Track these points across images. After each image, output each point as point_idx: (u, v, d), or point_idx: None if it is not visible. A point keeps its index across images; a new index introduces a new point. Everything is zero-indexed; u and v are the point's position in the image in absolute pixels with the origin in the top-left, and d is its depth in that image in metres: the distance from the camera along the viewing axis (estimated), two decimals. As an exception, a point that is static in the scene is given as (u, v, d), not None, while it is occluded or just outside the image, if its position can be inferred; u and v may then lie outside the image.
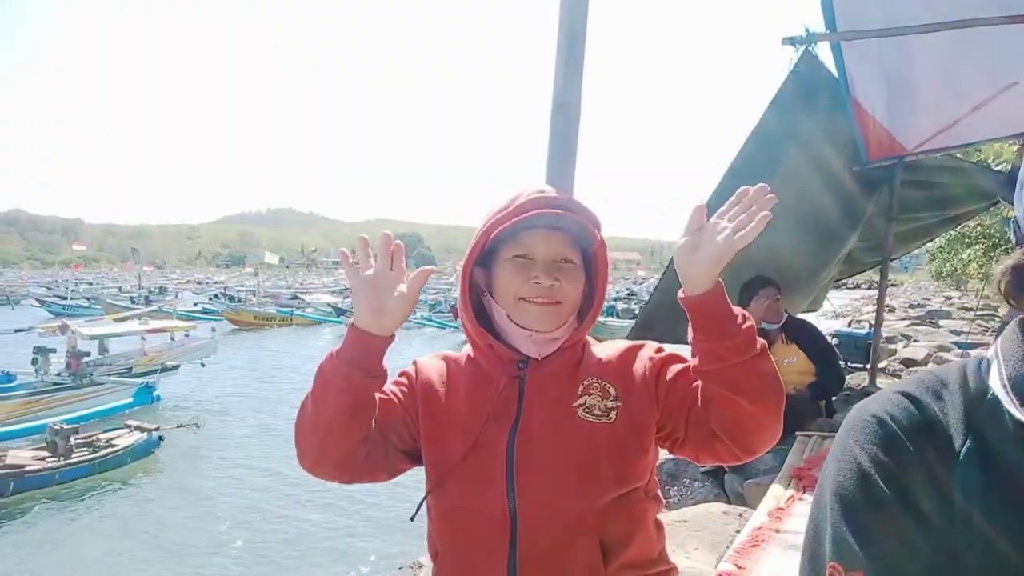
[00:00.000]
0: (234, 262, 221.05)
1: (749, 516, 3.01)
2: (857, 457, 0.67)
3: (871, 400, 0.71)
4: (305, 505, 9.69)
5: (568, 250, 1.31)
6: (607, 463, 1.26)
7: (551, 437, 1.26)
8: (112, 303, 38.89)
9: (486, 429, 1.29)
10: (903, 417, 0.67)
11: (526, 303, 1.29)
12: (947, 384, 0.68)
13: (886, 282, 5.82)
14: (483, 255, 1.34)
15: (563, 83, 1.88)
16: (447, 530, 1.32)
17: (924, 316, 18.73)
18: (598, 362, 1.35)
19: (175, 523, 9.21)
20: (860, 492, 0.65)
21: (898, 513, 0.63)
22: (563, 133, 1.90)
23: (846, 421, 0.72)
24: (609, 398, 1.29)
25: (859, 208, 5.42)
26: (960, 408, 0.66)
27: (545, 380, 1.32)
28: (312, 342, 29.66)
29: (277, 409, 15.56)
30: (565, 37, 1.87)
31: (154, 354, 17.48)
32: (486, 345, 1.34)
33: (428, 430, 1.35)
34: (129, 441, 11.14)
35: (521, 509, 1.23)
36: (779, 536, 2.52)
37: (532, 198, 1.31)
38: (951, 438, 0.64)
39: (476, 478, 1.27)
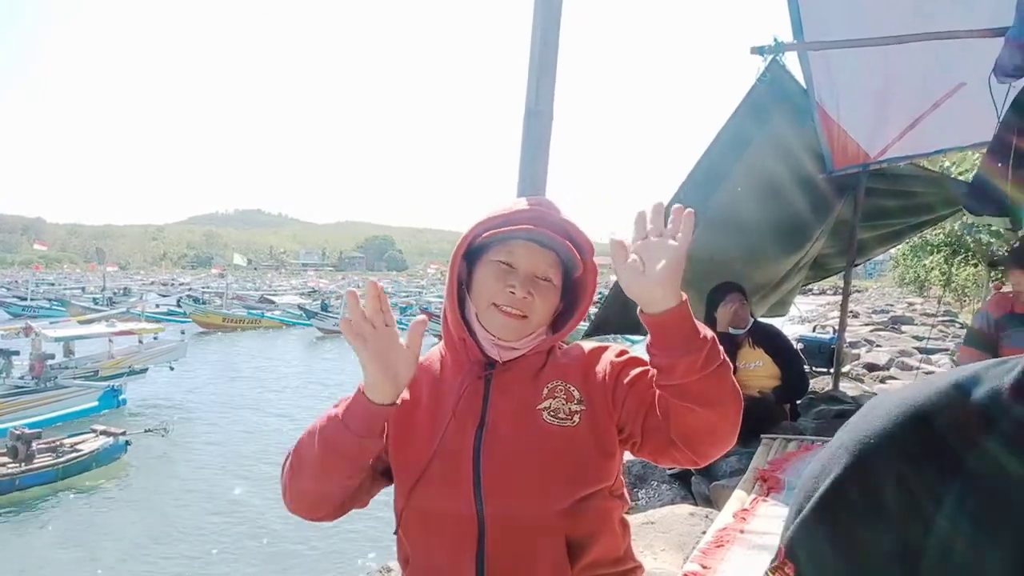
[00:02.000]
0: (200, 263, 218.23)
1: (715, 517, 3.05)
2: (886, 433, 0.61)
3: (896, 391, 0.65)
4: (273, 510, 9.59)
5: (551, 269, 1.34)
6: (572, 465, 1.28)
7: (516, 440, 1.28)
8: (74, 304, 38.21)
9: (451, 430, 1.30)
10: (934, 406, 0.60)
11: (496, 310, 1.31)
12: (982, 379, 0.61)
13: (850, 288, 5.93)
14: (472, 250, 1.37)
15: (536, 91, 1.91)
16: (416, 533, 1.33)
17: (887, 322, 19.06)
18: (563, 365, 1.37)
19: (142, 530, 9.08)
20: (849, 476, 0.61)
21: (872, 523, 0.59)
22: (535, 140, 1.93)
23: (863, 409, 0.66)
24: (573, 401, 1.31)
25: (824, 215, 5.52)
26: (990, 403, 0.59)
27: (510, 383, 1.34)
28: (282, 344, 29.41)
29: (247, 413, 15.39)
30: (538, 46, 1.90)
31: (121, 357, 17.21)
32: (459, 339, 1.36)
33: (395, 437, 1.35)
34: (95, 446, 10.95)
35: (488, 511, 1.25)
36: (743, 537, 2.56)
37: (532, 212, 1.35)
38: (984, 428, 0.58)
39: (443, 481, 1.28)
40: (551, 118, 1.92)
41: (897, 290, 42.52)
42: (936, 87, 3.92)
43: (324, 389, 18.48)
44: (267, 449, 12.69)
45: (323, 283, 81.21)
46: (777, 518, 2.70)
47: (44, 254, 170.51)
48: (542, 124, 1.92)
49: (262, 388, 18.59)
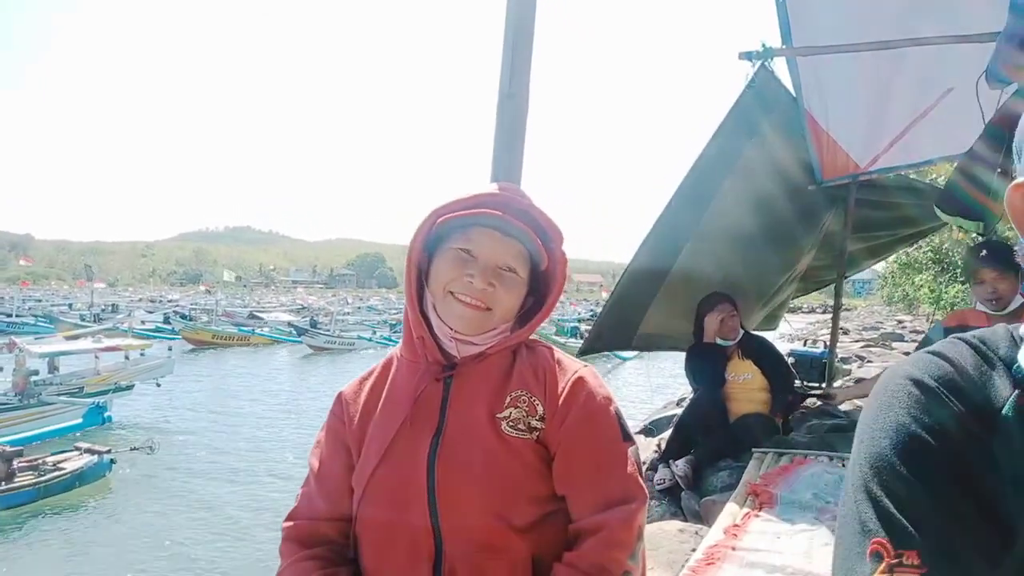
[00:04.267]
0: (190, 280, 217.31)
1: (705, 534, 2.95)
2: (896, 421, 0.62)
3: (902, 364, 0.67)
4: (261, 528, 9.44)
5: (515, 260, 1.25)
6: (531, 480, 1.19)
7: (473, 449, 1.18)
8: (61, 320, 37.95)
9: (405, 435, 1.21)
10: (941, 376, 0.63)
11: (453, 298, 1.22)
12: (988, 344, 0.66)
13: (840, 300, 5.87)
14: (432, 239, 1.27)
15: (510, 73, 1.83)
16: (370, 545, 1.23)
17: (877, 338, 19.06)
18: (534, 374, 1.26)
19: (126, 550, 8.89)
20: (902, 458, 0.60)
21: (948, 480, 0.59)
22: (509, 124, 1.86)
23: (877, 388, 0.67)
24: (535, 416, 1.21)
25: (814, 227, 5.47)
26: (1003, 368, 0.63)
27: (471, 387, 1.24)
28: (271, 361, 29.22)
29: (235, 431, 15.21)
30: (512, 25, 1.83)
31: (107, 373, 17.03)
32: (418, 337, 1.26)
33: (357, 450, 1.28)
34: (78, 464, 10.72)
35: (444, 524, 1.15)
36: (734, 553, 2.46)
37: (494, 196, 1.26)
38: (990, 396, 0.61)
39: (396, 489, 1.19)
40: (526, 101, 1.85)
41: (886, 308, 42.70)
42: (925, 94, 3.88)
43: (314, 405, 18.32)
44: (256, 467, 12.53)
45: (312, 300, 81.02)
46: (770, 534, 2.60)
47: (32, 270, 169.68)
48: (517, 108, 1.85)
49: (251, 405, 18.40)
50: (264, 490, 11.24)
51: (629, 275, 4.61)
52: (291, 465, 12.51)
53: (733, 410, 4.30)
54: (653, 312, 5.15)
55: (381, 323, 43.90)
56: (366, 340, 35.19)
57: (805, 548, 2.46)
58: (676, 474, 4.10)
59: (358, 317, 49.21)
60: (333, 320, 39.73)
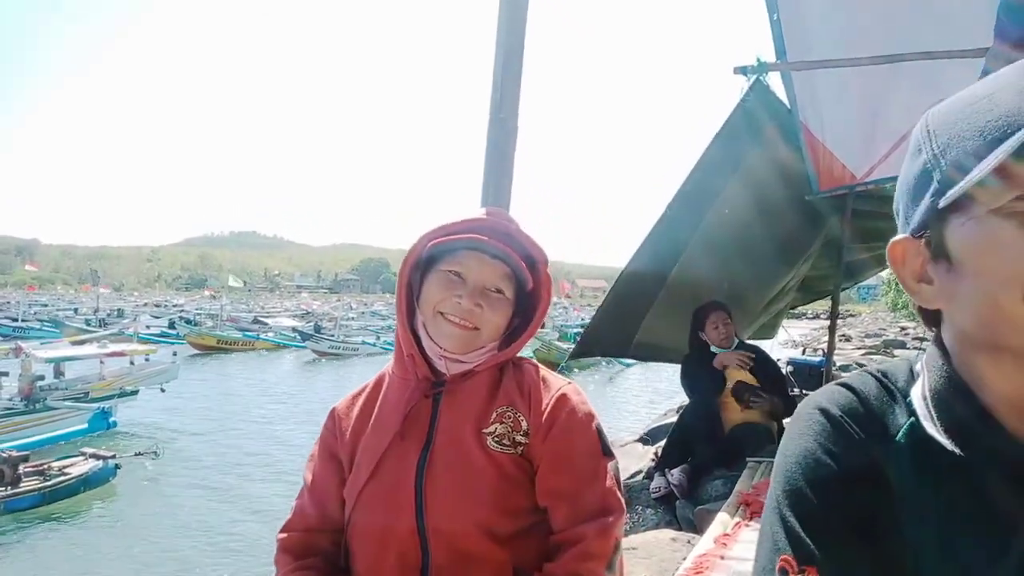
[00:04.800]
0: (195, 285, 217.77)
1: (697, 543, 2.99)
2: (804, 447, 0.69)
3: (815, 394, 0.74)
4: (266, 534, 9.46)
5: (502, 282, 1.31)
6: (515, 493, 1.24)
7: (460, 463, 1.24)
8: (67, 325, 38.11)
9: (395, 449, 1.27)
10: (846, 406, 0.70)
11: (443, 318, 1.28)
12: (890, 376, 0.73)
13: (837, 310, 5.89)
14: (424, 261, 1.34)
15: (500, 99, 1.88)
16: (361, 555, 1.28)
17: (880, 346, 19.08)
18: (519, 392, 1.32)
19: (131, 555, 8.92)
20: (807, 481, 0.67)
21: (847, 501, 0.65)
22: (500, 147, 1.91)
23: (793, 416, 0.74)
24: (519, 432, 1.27)
25: (809, 237, 5.51)
26: (901, 399, 0.70)
27: (459, 403, 1.30)
28: (276, 366, 29.27)
29: (240, 436, 15.24)
30: (503, 51, 1.88)
31: (112, 379, 17.10)
32: (408, 355, 1.33)
33: (349, 464, 1.34)
34: (83, 469, 10.77)
35: (431, 534, 1.21)
36: (723, 563, 2.50)
37: (480, 222, 1.32)
38: (887, 424, 0.68)
39: (386, 501, 1.25)
40: (516, 127, 1.90)
41: (890, 315, 42.64)
42: (919, 105, 3.91)
43: (319, 409, 18.34)
44: (260, 472, 12.56)
45: (317, 305, 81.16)
46: (759, 543, 2.64)
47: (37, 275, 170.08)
48: (506, 132, 1.90)
49: (256, 410, 18.45)
50: (269, 495, 11.28)
51: (626, 279, 4.65)
52: (297, 471, 12.53)
53: (728, 419, 4.33)
54: (652, 320, 5.19)
55: (385, 328, 43.98)
56: (370, 345, 35.26)
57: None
58: (671, 483, 4.14)
59: (362, 322, 49.26)
60: (337, 325, 39.82)
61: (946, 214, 0.62)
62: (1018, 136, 0.54)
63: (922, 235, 0.65)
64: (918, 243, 0.66)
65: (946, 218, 0.62)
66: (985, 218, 0.58)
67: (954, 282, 0.63)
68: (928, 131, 0.64)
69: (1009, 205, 0.57)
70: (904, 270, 0.68)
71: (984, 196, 0.58)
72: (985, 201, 0.58)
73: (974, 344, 0.64)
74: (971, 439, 0.63)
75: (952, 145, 0.61)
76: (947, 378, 0.66)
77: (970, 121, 0.60)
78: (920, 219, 0.65)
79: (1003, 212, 0.57)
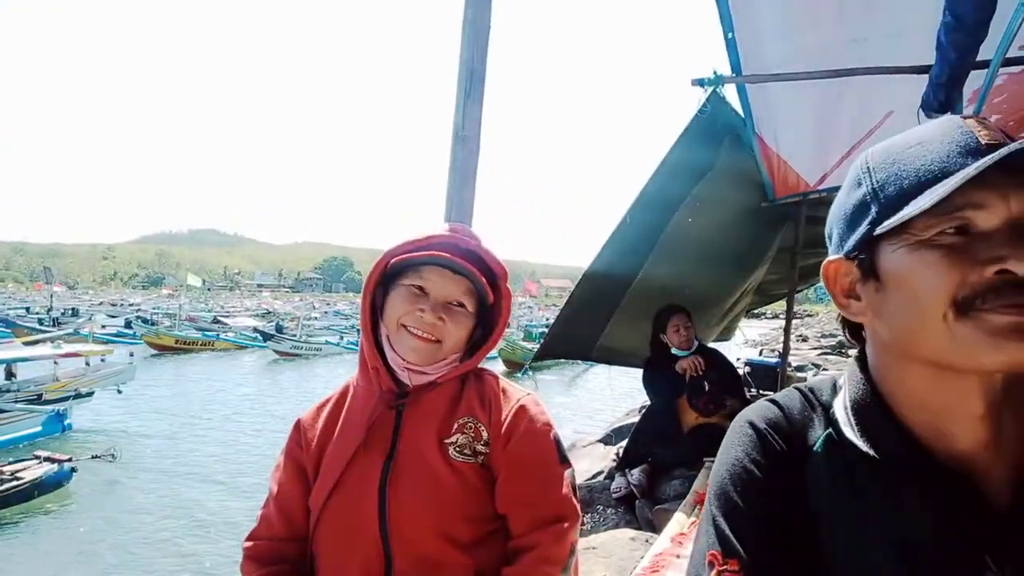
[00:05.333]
0: (152, 283, 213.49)
1: (655, 542, 3.07)
2: (734, 456, 0.79)
3: (747, 409, 0.84)
4: (220, 540, 9.38)
5: (463, 296, 1.36)
6: (476, 500, 1.30)
7: (422, 472, 1.29)
8: (19, 325, 37.07)
9: (360, 459, 1.31)
10: (771, 420, 0.80)
11: (405, 331, 1.33)
12: (816, 391, 0.83)
13: (792, 313, 6.05)
14: (387, 276, 1.39)
15: (463, 116, 1.94)
16: (326, 562, 1.33)
17: (835, 346, 19.46)
18: (480, 402, 1.37)
19: (87, 561, 8.74)
20: (735, 486, 0.77)
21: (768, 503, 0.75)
22: (462, 164, 1.97)
23: (728, 429, 0.84)
24: (480, 441, 1.32)
25: (765, 242, 5.66)
26: (822, 412, 0.80)
27: (422, 414, 1.35)
28: (236, 367, 28.84)
29: (200, 438, 15.02)
30: (465, 71, 1.93)
31: (67, 380, 16.64)
32: (372, 368, 1.37)
33: (313, 474, 1.38)
34: (37, 473, 10.49)
35: (393, 541, 1.26)
36: (679, 562, 2.58)
37: (443, 239, 1.37)
38: (807, 436, 0.78)
39: (350, 510, 1.29)
40: (478, 144, 1.95)
41: (846, 315, 43.42)
42: (868, 116, 4.06)
43: (279, 409, 18.21)
44: (219, 475, 12.41)
45: (278, 304, 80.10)
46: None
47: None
48: (469, 149, 1.96)
49: (216, 412, 18.18)
50: (228, 499, 11.17)
51: (587, 283, 4.73)
52: (256, 473, 12.44)
53: (688, 421, 4.44)
54: (615, 325, 5.28)
55: (349, 328, 43.60)
56: (333, 345, 34.95)
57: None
58: (631, 483, 4.23)
59: (325, 322, 48.76)
60: (300, 325, 39.36)
61: (879, 241, 0.72)
62: (947, 182, 0.65)
63: (854, 257, 0.75)
64: (850, 264, 0.76)
65: (879, 244, 0.72)
66: (914, 246, 0.69)
67: (881, 300, 0.73)
68: (868, 168, 0.75)
69: (936, 237, 0.68)
70: (835, 286, 0.79)
71: (915, 228, 0.68)
72: (916, 232, 0.69)
73: (893, 355, 0.74)
74: (884, 443, 0.73)
75: (890, 182, 0.71)
76: (865, 389, 0.76)
77: (906, 163, 0.70)
78: (855, 243, 0.74)
79: (930, 243, 0.68)
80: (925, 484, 0.69)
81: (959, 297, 0.66)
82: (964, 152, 0.67)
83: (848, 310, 0.78)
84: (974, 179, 0.64)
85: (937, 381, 0.70)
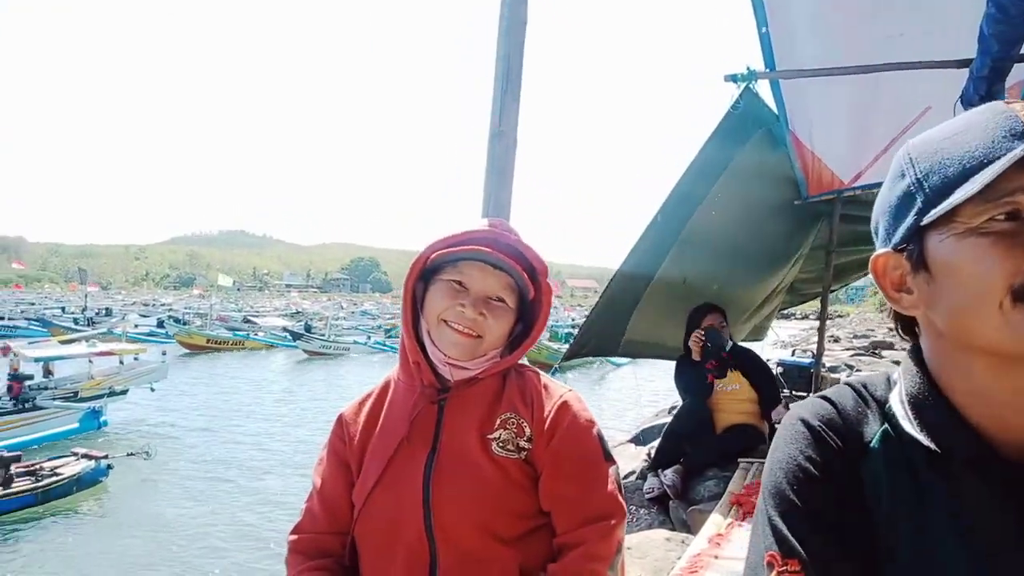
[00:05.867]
0: (183, 284, 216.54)
1: (691, 543, 3.05)
2: (788, 454, 0.78)
3: (797, 406, 0.83)
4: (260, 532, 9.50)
5: (504, 291, 1.36)
6: (519, 496, 1.30)
7: (465, 467, 1.29)
8: (55, 324, 37.82)
9: (402, 454, 1.32)
10: (825, 417, 0.79)
11: (446, 326, 1.33)
12: (869, 387, 0.82)
13: (826, 313, 5.98)
14: (428, 271, 1.39)
15: (500, 113, 1.93)
16: (370, 556, 1.33)
17: (868, 347, 19.17)
18: (522, 398, 1.37)
19: (124, 557, 8.87)
20: (790, 485, 0.75)
21: (826, 502, 0.74)
22: (500, 160, 1.96)
23: (780, 427, 0.82)
24: (523, 437, 1.32)
25: (800, 241, 5.59)
26: (876, 407, 0.79)
27: (464, 409, 1.35)
28: (266, 366, 29.15)
29: (232, 436, 15.19)
30: (503, 66, 1.93)
31: (101, 378, 16.94)
32: (414, 362, 1.37)
33: (357, 468, 1.39)
34: (76, 469, 10.65)
35: (438, 536, 1.26)
36: (717, 562, 2.56)
37: (483, 234, 1.36)
38: (863, 433, 0.77)
39: (394, 504, 1.29)
40: (515, 140, 1.95)
41: (877, 315, 42.85)
42: (905, 112, 3.99)
43: (310, 409, 18.38)
44: (252, 471, 12.54)
45: (307, 304, 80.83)
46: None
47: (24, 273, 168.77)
48: (506, 146, 1.95)
49: (247, 410, 18.39)
50: (262, 493, 11.29)
51: (617, 279, 4.72)
52: (290, 469, 12.57)
53: (720, 421, 4.41)
54: (639, 318, 5.26)
55: (375, 328, 43.86)
56: (361, 345, 35.18)
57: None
58: (665, 483, 4.20)
59: (352, 322, 49.11)
60: (328, 325, 39.67)
61: (927, 231, 0.71)
62: (994, 166, 0.63)
63: (902, 249, 0.74)
64: (899, 256, 0.75)
65: (927, 235, 0.71)
66: (964, 235, 0.67)
67: (934, 291, 0.71)
68: (910, 158, 0.73)
69: (985, 224, 0.66)
70: (885, 280, 0.77)
71: (964, 216, 0.67)
72: (964, 220, 0.67)
73: (951, 347, 0.72)
74: (946, 438, 0.71)
75: (934, 171, 0.70)
76: (922, 383, 0.75)
77: (950, 151, 0.69)
78: (902, 235, 0.73)
79: (980, 230, 0.66)
80: (992, 479, 0.68)
81: (1015, 284, 0.64)
82: (1010, 136, 0.66)
83: (900, 304, 0.76)
84: (1022, 163, 0.63)
85: (1001, 372, 0.68)
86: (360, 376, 25.27)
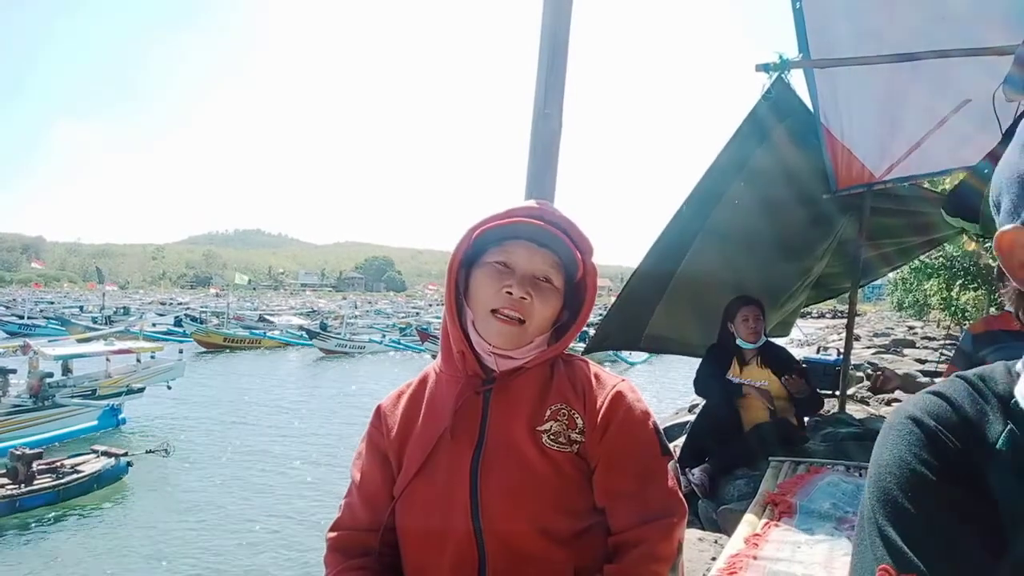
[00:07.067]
0: (199, 283, 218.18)
1: (725, 542, 2.97)
2: (898, 457, 0.68)
3: (906, 403, 0.73)
4: (277, 530, 9.51)
5: (551, 270, 1.29)
6: (573, 492, 1.22)
7: (515, 461, 1.22)
8: (73, 323, 38.19)
9: (445, 447, 1.24)
10: (939, 415, 0.69)
11: (493, 317, 1.26)
12: (987, 381, 0.71)
13: (855, 309, 5.86)
14: (470, 256, 1.32)
15: (544, 92, 1.86)
16: (414, 553, 1.26)
17: (889, 344, 18.94)
18: (573, 389, 1.29)
19: (145, 552, 8.93)
20: (903, 491, 0.66)
21: (945, 510, 0.64)
22: (544, 143, 1.88)
23: (884, 426, 0.73)
24: (575, 430, 1.24)
25: (828, 234, 5.48)
26: (997, 403, 0.69)
27: (510, 401, 1.27)
28: (282, 365, 29.31)
29: (250, 433, 15.26)
30: (547, 43, 1.85)
31: (119, 376, 17.11)
32: (459, 352, 1.30)
33: (397, 461, 1.32)
34: (96, 467, 10.77)
35: (487, 533, 1.18)
36: (756, 563, 2.48)
37: (527, 208, 1.30)
38: (985, 433, 0.67)
39: (438, 499, 1.22)
40: (560, 122, 1.87)
41: (896, 314, 42.50)
42: (942, 105, 3.89)
43: (326, 406, 18.44)
44: (270, 468, 12.58)
45: (322, 303, 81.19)
46: (790, 543, 2.62)
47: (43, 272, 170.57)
48: (551, 128, 1.87)
49: (264, 407, 18.47)
50: (281, 490, 11.32)
51: (638, 275, 4.64)
52: (307, 466, 12.59)
53: (747, 418, 4.32)
54: (661, 312, 5.19)
55: (390, 327, 44.00)
56: (376, 343, 35.32)
57: (825, 558, 2.48)
58: (693, 482, 4.12)
59: (367, 321, 49.27)
60: (344, 323, 39.81)
61: None
62: None
63: None
64: None
65: None
66: None
67: None
68: None
69: None
70: (1012, 259, 0.68)
71: None
72: None
73: None
74: None
75: None
76: None
77: None
78: None
79: None
80: None
81: None
82: None
83: None
84: None
85: None
86: (376, 373, 25.34)
